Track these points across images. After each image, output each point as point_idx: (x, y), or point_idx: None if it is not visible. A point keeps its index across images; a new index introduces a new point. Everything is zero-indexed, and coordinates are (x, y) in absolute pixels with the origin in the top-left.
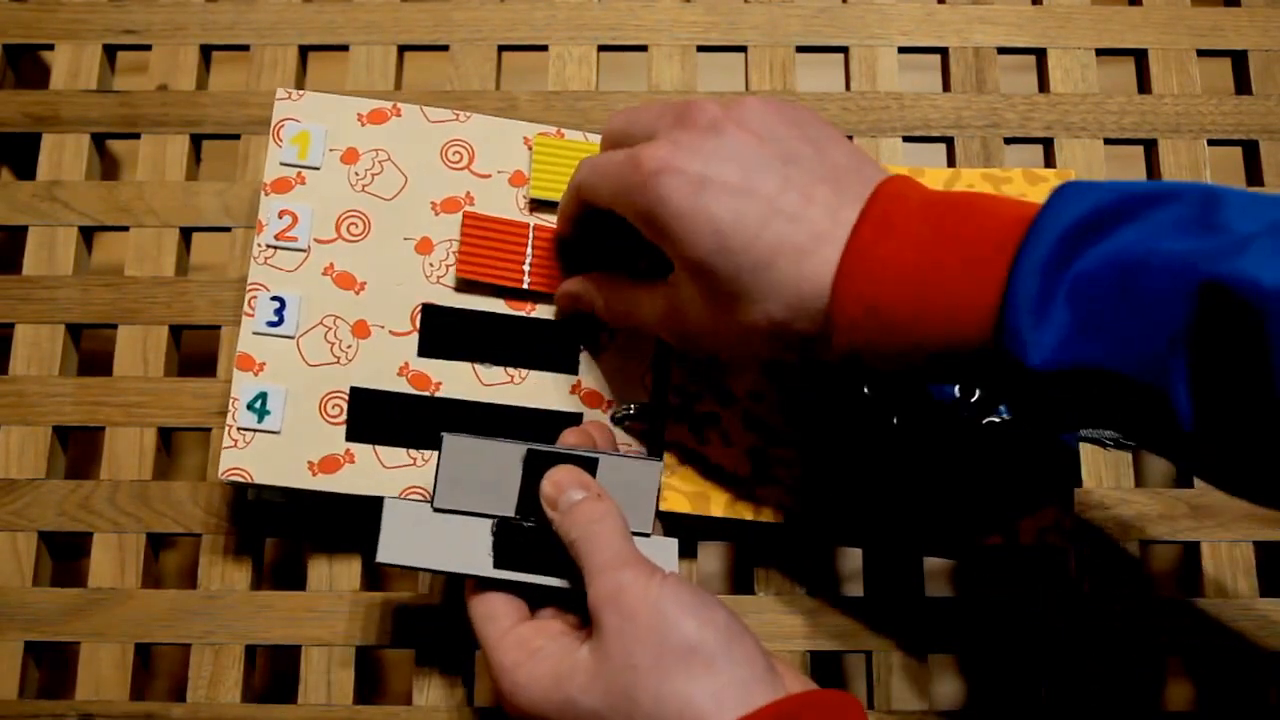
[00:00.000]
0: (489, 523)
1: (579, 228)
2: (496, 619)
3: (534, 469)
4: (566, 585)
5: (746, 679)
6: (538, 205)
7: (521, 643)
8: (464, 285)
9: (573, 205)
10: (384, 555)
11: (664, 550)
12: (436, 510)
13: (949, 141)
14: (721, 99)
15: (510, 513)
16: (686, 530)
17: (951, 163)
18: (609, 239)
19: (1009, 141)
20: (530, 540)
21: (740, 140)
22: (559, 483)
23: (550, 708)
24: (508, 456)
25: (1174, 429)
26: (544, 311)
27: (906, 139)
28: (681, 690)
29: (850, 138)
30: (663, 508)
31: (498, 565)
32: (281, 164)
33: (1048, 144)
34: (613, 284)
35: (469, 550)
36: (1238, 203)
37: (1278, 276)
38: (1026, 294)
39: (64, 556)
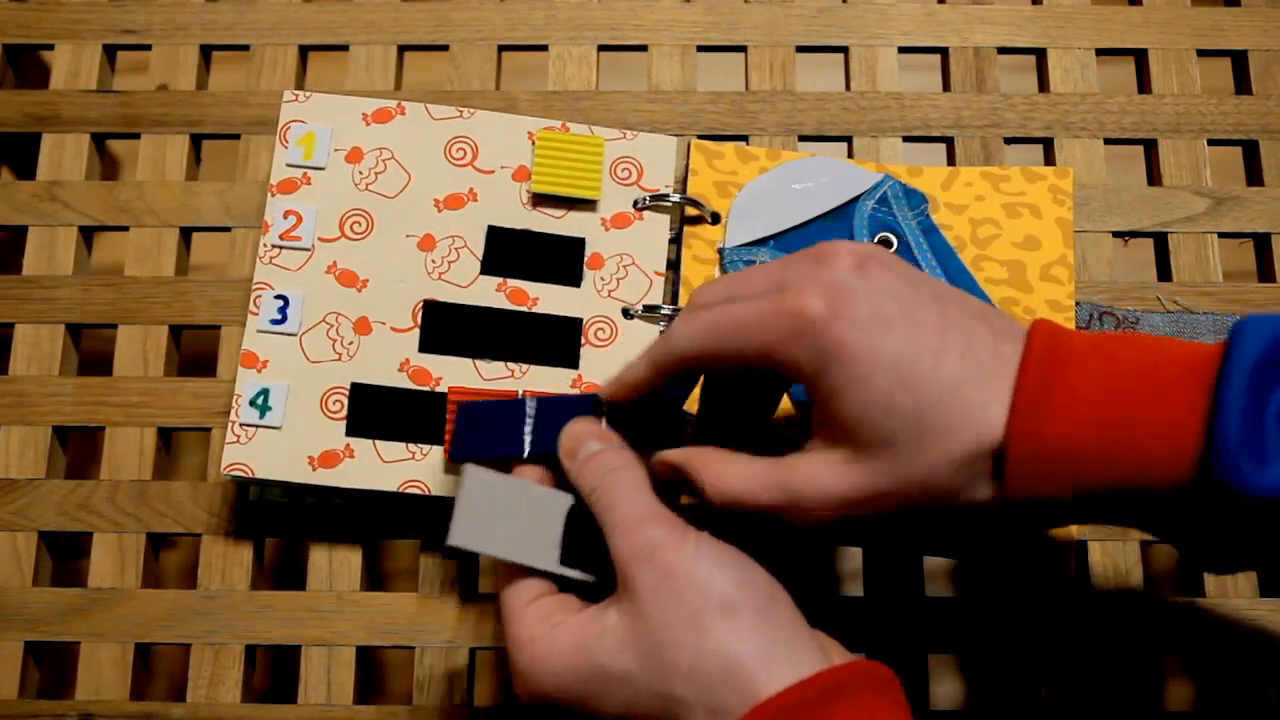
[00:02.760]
0: (562, 510)
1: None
2: (520, 591)
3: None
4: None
5: (791, 640)
6: (540, 200)
7: (544, 616)
8: (465, 280)
9: (669, 364)
10: (457, 538)
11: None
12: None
13: (949, 141)
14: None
15: (554, 565)
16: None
17: (952, 163)
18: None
19: (1009, 141)
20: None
21: (890, 278)
22: (577, 434)
23: (574, 679)
24: (545, 504)
25: None
26: (545, 307)
27: (906, 139)
28: (725, 648)
29: (850, 139)
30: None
31: (564, 561)
32: (288, 165)
33: (1048, 144)
34: (731, 457)
35: (539, 539)
36: None
37: None
38: (1234, 420)
39: (64, 556)
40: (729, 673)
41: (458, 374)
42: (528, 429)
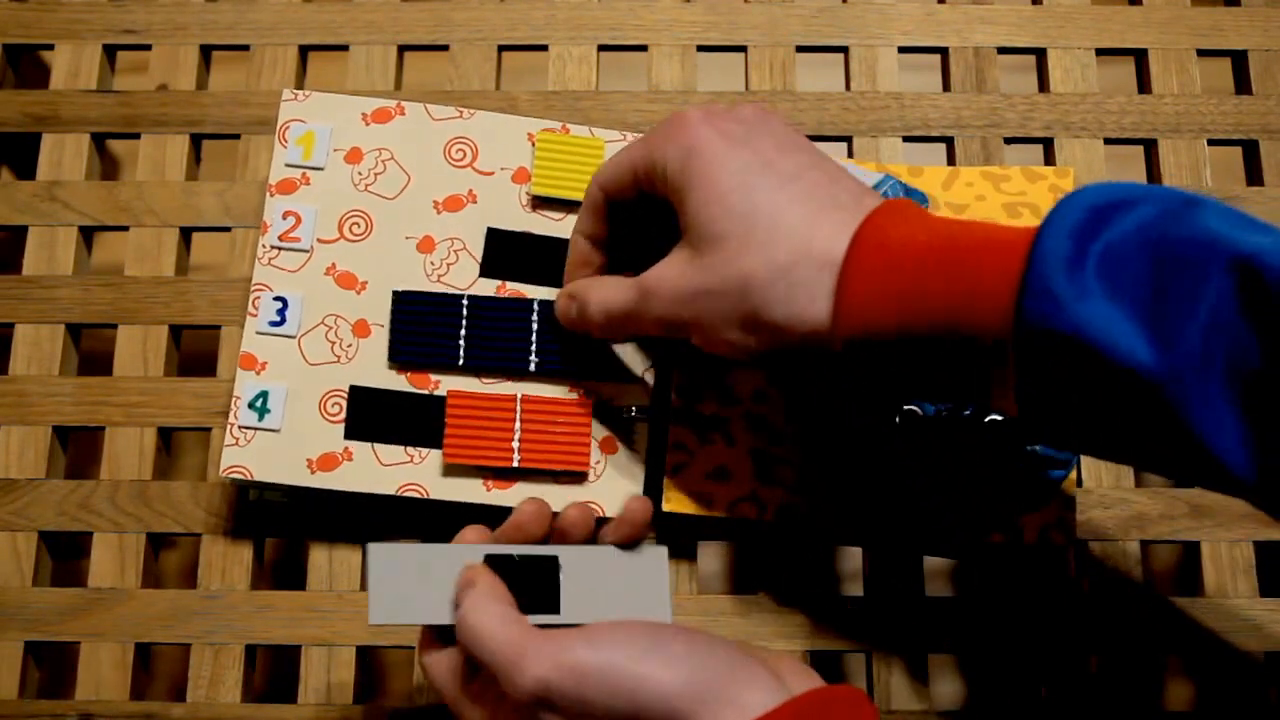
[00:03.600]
0: (478, 560)
1: (598, 237)
2: (449, 676)
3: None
4: (562, 620)
5: (726, 685)
6: (540, 203)
7: (475, 696)
8: (465, 283)
9: (592, 209)
10: (377, 616)
11: (654, 559)
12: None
13: (949, 141)
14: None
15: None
16: (687, 530)
17: (951, 162)
18: (620, 247)
19: (1009, 141)
20: (522, 573)
21: (781, 129)
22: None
23: None
24: (452, 560)
25: (1215, 460)
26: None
27: (906, 139)
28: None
29: (850, 139)
30: (665, 509)
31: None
32: (286, 165)
33: (1048, 144)
34: (607, 278)
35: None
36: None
37: None
38: (1056, 252)
39: (64, 556)
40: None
41: (456, 378)
42: (462, 335)
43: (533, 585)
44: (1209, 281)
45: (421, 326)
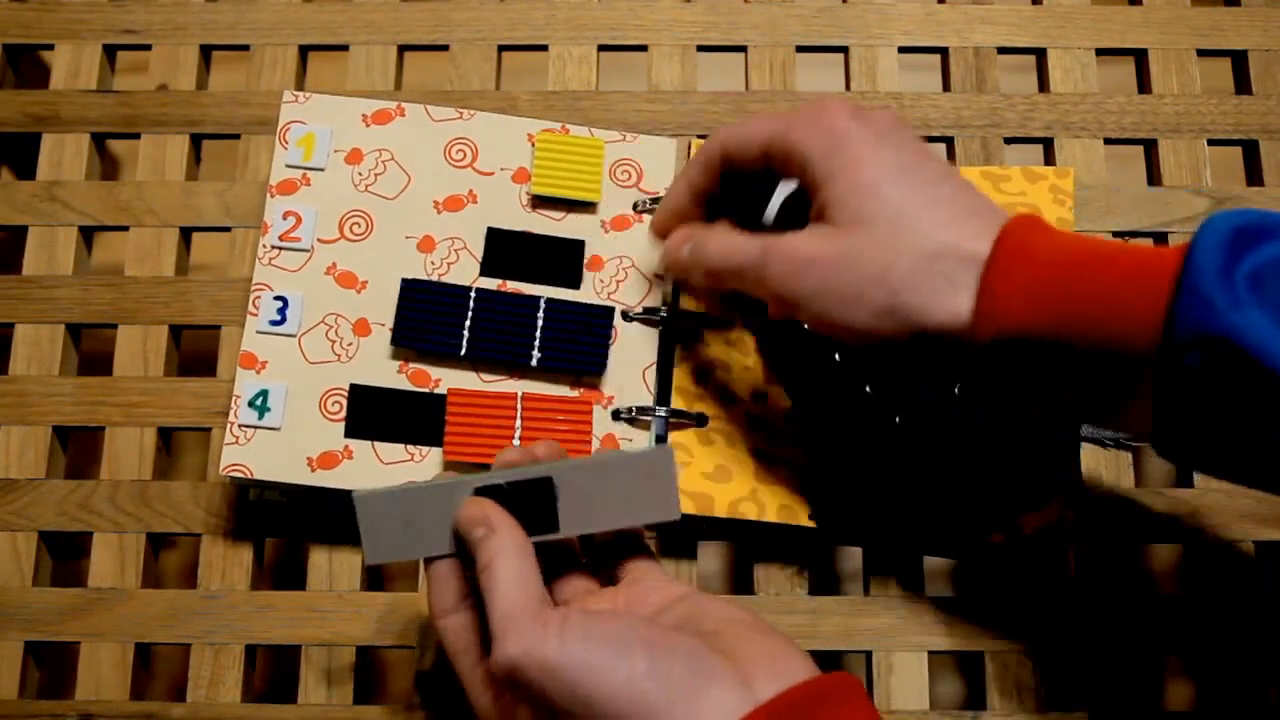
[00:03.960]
0: (466, 493)
1: (698, 199)
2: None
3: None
4: (561, 535)
5: (693, 690)
6: (540, 202)
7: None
8: (465, 282)
9: (707, 167)
10: (374, 557)
11: (661, 460)
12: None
13: (949, 141)
14: None
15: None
16: (687, 531)
17: (952, 162)
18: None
19: (1009, 141)
20: (514, 499)
21: (914, 138)
22: (469, 519)
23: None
24: (438, 497)
25: None
26: None
27: None
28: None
29: None
30: None
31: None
32: (287, 165)
33: (1048, 144)
34: (729, 228)
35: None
36: None
37: None
38: (1210, 262)
39: (64, 556)
40: None
41: (457, 376)
42: (467, 325)
43: (528, 509)
44: None
45: (427, 314)
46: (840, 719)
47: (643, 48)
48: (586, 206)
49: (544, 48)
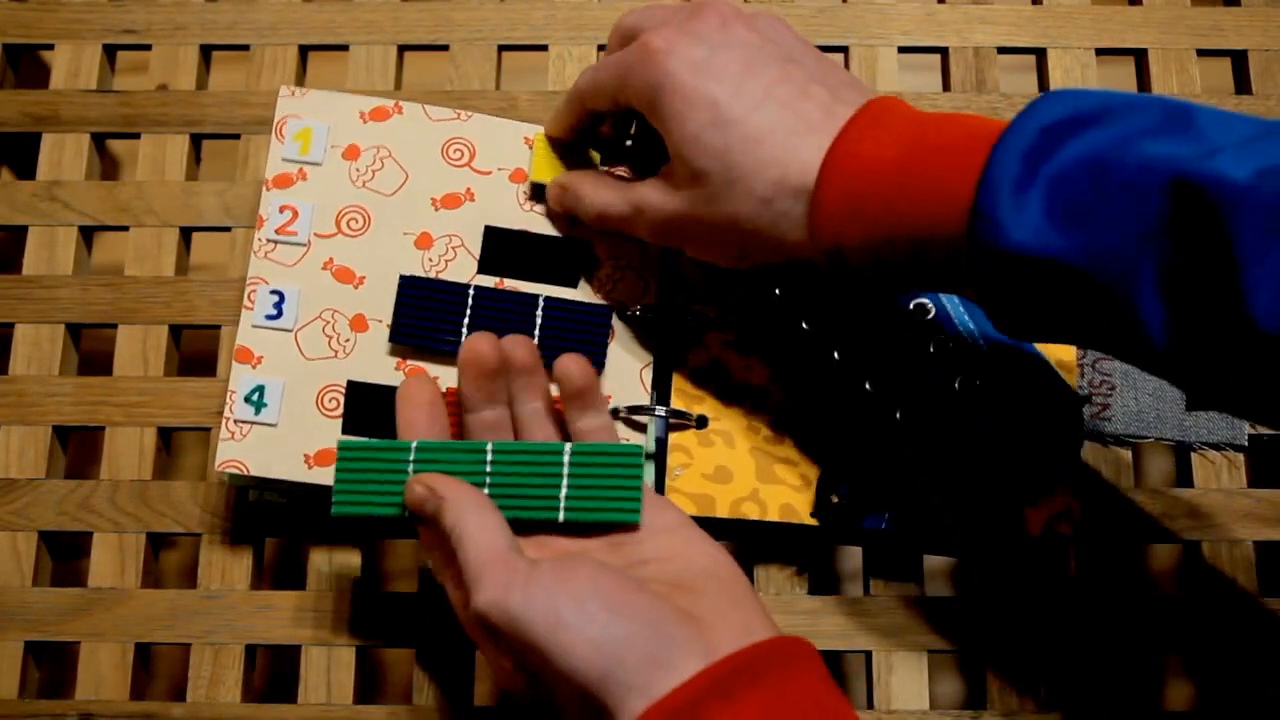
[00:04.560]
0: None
1: (572, 135)
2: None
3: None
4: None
5: (650, 649)
6: (538, 199)
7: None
8: (463, 279)
9: (572, 111)
10: (341, 508)
11: (627, 458)
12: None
13: None
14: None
15: None
16: None
17: None
18: (602, 147)
19: None
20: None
21: (746, 37)
22: (419, 494)
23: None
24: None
25: (1143, 340)
26: None
27: None
28: (579, 674)
29: None
30: None
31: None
32: (284, 159)
33: None
34: (600, 179)
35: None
36: (1211, 117)
37: (1246, 172)
38: (1005, 176)
39: (64, 556)
40: (592, 695)
41: (454, 373)
42: (465, 323)
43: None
44: (1146, 203)
45: (425, 311)
46: (790, 679)
47: None
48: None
49: (544, 48)
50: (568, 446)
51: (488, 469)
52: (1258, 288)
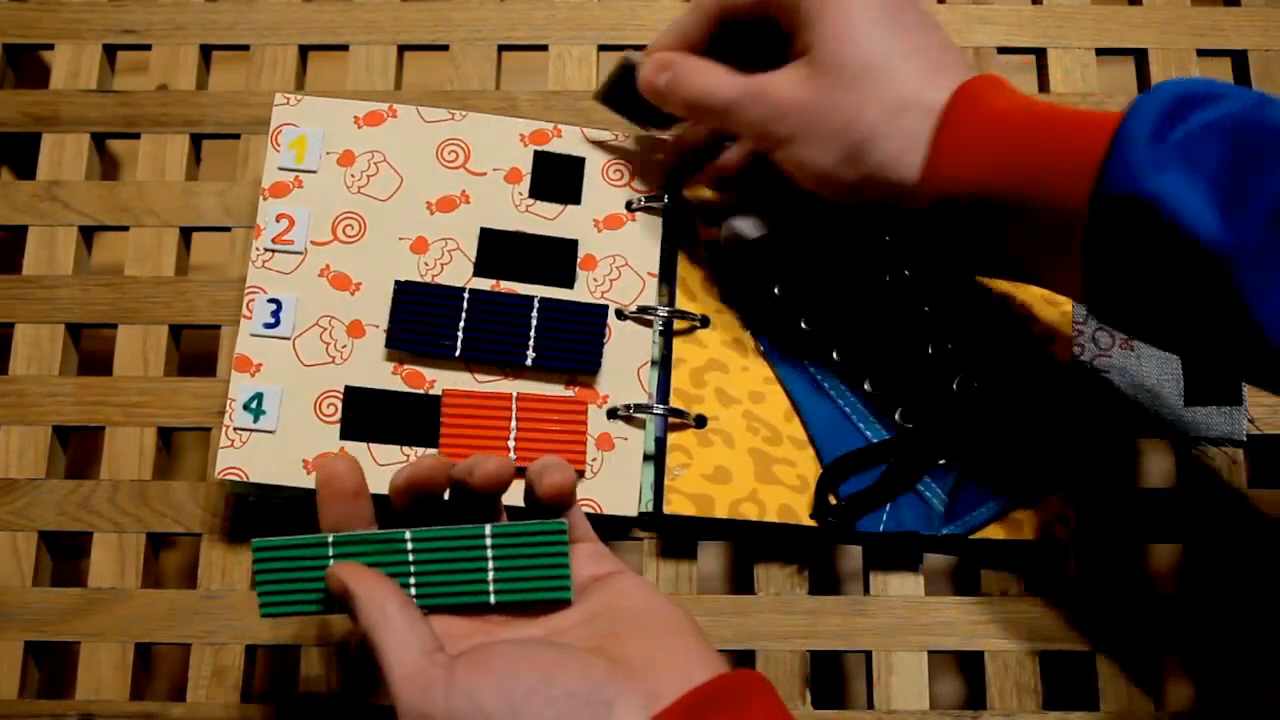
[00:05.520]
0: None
1: (690, 46)
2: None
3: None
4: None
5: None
6: (533, 202)
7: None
8: (459, 283)
9: (703, 15)
10: (268, 609)
11: (551, 535)
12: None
13: None
14: None
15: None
16: (687, 531)
17: None
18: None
19: None
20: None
21: None
22: (337, 582)
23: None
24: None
25: (1253, 329)
26: None
27: None
28: None
29: None
30: (667, 510)
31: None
32: (279, 168)
33: None
34: (707, 64)
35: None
36: None
37: None
38: (1142, 129)
39: (64, 556)
40: None
41: (451, 377)
42: (461, 327)
43: (386, 568)
44: None
45: (421, 315)
46: (743, 716)
47: (643, 47)
48: (579, 206)
49: (544, 48)
50: (488, 528)
51: (410, 557)
52: None
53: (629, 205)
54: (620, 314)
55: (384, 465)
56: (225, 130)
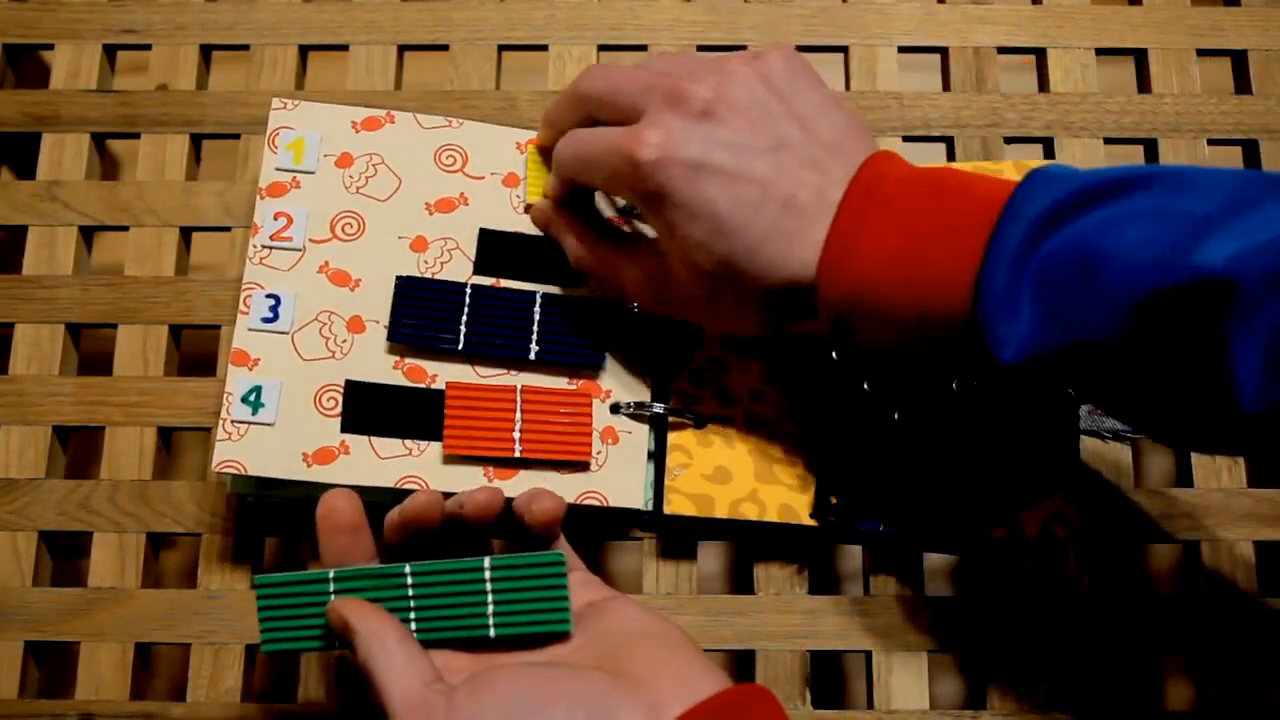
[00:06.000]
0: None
1: (563, 195)
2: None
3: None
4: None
5: None
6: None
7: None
8: (459, 280)
9: (560, 184)
10: (270, 645)
11: (550, 566)
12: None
13: (949, 141)
14: (706, 63)
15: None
16: (687, 530)
17: (952, 163)
18: (591, 204)
19: (1009, 141)
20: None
21: (732, 127)
22: (337, 621)
23: None
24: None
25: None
26: None
27: (906, 139)
28: None
29: None
30: (667, 510)
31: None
32: (277, 169)
33: (1048, 143)
34: (595, 240)
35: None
36: (1197, 182)
37: (1224, 259)
38: (996, 290)
39: (64, 556)
40: None
41: (453, 371)
42: (464, 321)
43: (386, 603)
44: (1128, 302)
45: (423, 310)
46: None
47: (643, 47)
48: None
49: (544, 48)
50: (487, 561)
51: (410, 592)
52: (1241, 369)
53: (620, 212)
54: (622, 312)
55: (386, 458)
56: (225, 130)
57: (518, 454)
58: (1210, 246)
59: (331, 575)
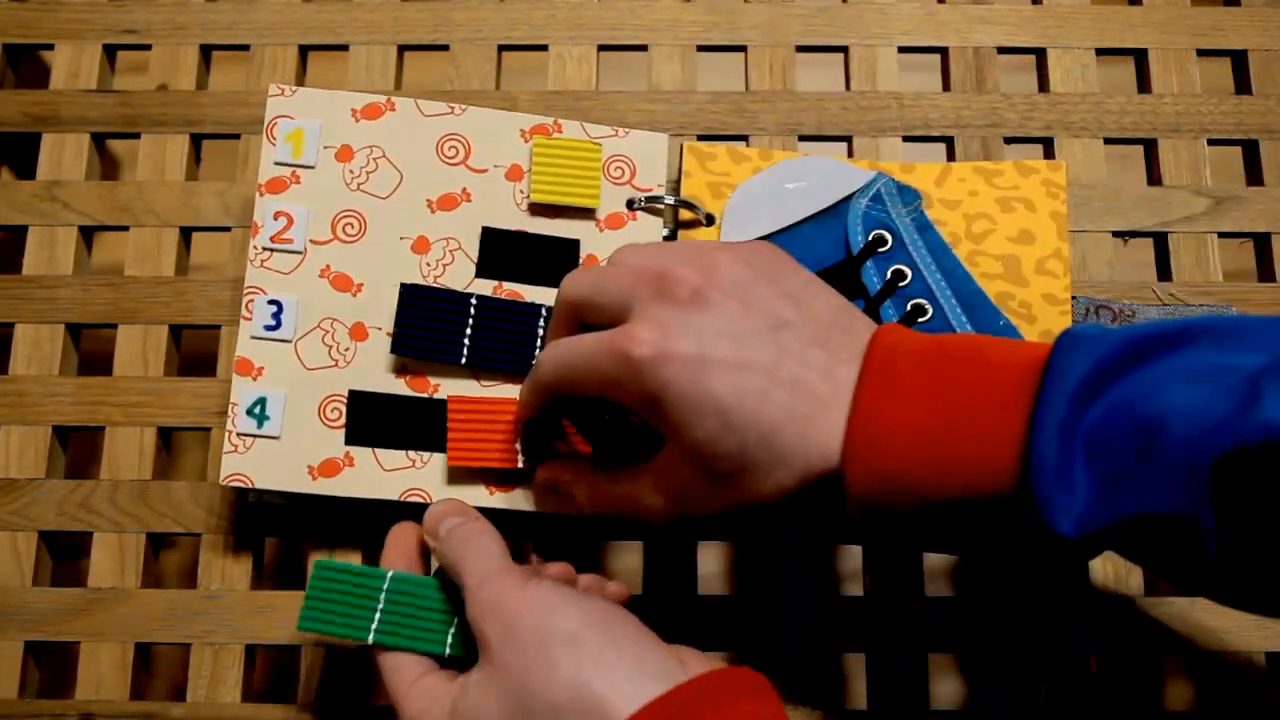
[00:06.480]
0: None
1: (548, 409)
2: (402, 671)
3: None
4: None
5: (636, 661)
6: (536, 210)
7: (427, 690)
8: (461, 284)
9: (542, 394)
10: (306, 624)
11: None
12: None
13: (949, 141)
14: (686, 250)
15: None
16: (688, 531)
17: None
18: (580, 417)
19: (1009, 141)
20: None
21: (727, 312)
22: (438, 514)
23: None
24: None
25: (1203, 557)
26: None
27: (906, 139)
28: (573, 679)
29: (849, 139)
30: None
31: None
32: (276, 163)
33: (1048, 143)
34: (595, 477)
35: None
36: (1243, 333)
37: None
38: (1047, 461)
39: (64, 556)
40: (582, 701)
41: (455, 382)
42: (467, 334)
43: (437, 613)
44: (1195, 473)
45: (427, 320)
46: (772, 700)
47: (643, 47)
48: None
49: (544, 48)
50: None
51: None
52: None
53: (630, 204)
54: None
55: (390, 470)
56: (225, 130)
57: (521, 465)
58: (1272, 402)
59: (390, 575)
